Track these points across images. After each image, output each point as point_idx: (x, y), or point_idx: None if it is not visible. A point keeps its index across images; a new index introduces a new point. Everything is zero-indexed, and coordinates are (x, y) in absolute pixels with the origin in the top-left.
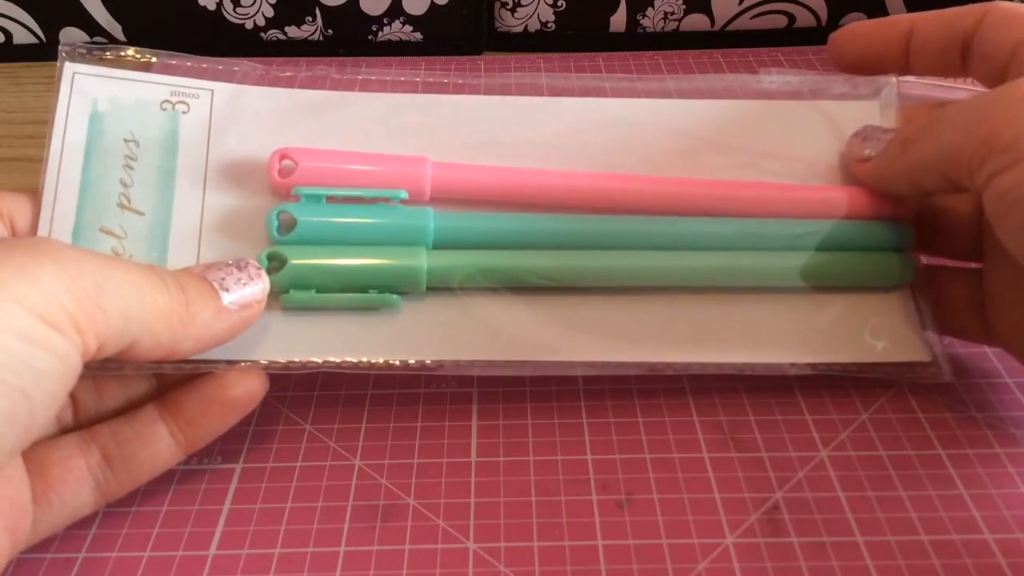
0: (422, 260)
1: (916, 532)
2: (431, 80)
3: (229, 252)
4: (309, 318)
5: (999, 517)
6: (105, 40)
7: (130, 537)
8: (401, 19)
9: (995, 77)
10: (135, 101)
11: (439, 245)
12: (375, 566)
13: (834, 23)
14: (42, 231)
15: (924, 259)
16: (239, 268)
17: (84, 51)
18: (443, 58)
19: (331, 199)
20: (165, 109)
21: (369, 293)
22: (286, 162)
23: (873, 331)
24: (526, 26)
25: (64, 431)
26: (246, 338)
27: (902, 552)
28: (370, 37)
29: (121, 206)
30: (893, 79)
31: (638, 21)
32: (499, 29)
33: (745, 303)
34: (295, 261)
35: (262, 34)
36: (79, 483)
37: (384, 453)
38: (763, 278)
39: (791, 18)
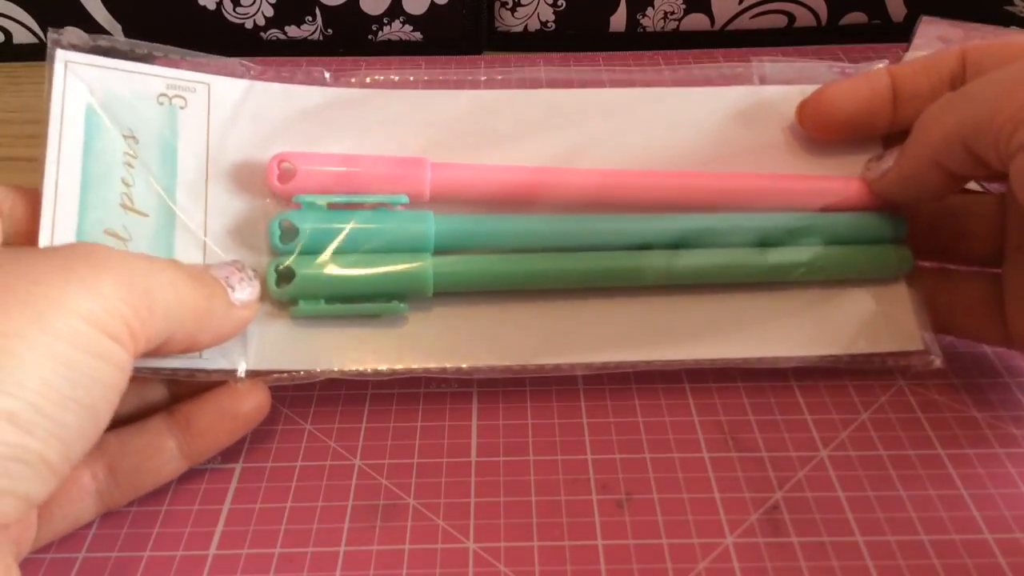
0: (428, 267)
1: (916, 532)
2: (427, 78)
3: (234, 256)
4: (318, 327)
5: (999, 517)
6: None
7: (130, 537)
8: (401, 19)
9: None
10: (131, 94)
11: (440, 249)
12: (375, 566)
13: (834, 23)
14: (43, 233)
15: (938, 263)
16: (239, 269)
17: (75, 35)
18: (443, 58)
19: (332, 206)
20: (162, 103)
21: (376, 302)
22: (285, 165)
23: (868, 322)
24: (526, 26)
25: None
26: (260, 348)
27: (902, 552)
28: (370, 37)
29: (124, 207)
30: (884, 61)
31: (638, 21)
32: (499, 29)
33: (742, 299)
34: (303, 272)
35: (262, 34)
36: (82, 494)
37: (384, 453)
38: (760, 274)
39: (791, 18)
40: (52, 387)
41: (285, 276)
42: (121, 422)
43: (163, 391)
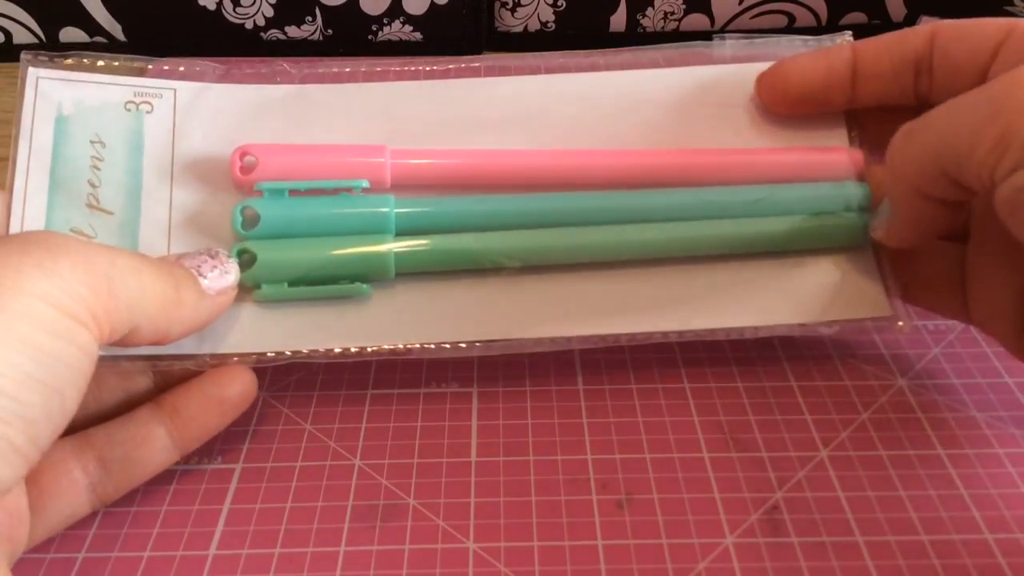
0: (390, 247)
1: (916, 532)
2: (395, 68)
3: (199, 247)
4: (282, 310)
5: (999, 517)
6: (105, 40)
7: (130, 537)
8: (401, 19)
9: (967, 88)
10: (99, 103)
11: (402, 231)
12: (375, 566)
13: (834, 23)
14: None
15: None
16: (211, 256)
17: (46, 58)
18: (442, 58)
19: (294, 192)
20: (129, 110)
21: (339, 284)
22: (248, 158)
23: (836, 290)
24: (526, 26)
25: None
26: (224, 332)
27: (902, 552)
28: (370, 37)
29: (90, 206)
30: (847, 35)
31: (638, 21)
32: (499, 29)
33: (708, 271)
34: (265, 256)
35: (262, 34)
36: (74, 488)
37: (384, 453)
38: (724, 246)
39: (791, 18)
40: (14, 366)
41: (247, 260)
42: (108, 415)
43: (147, 382)
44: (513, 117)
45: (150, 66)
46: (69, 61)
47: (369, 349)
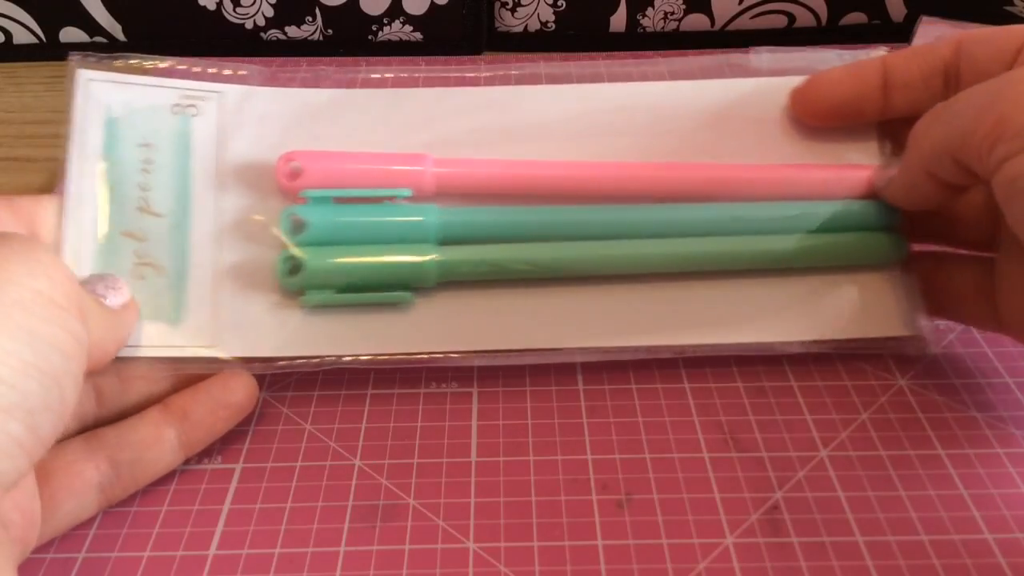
0: (432, 256)
1: (916, 532)
2: (432, 75)
3: (247, 252)
4: (327, 316)
5: (999, 517)
6: (105, 40)
7: (130, 537)
8: (401, 19)
9: None
10: (147, 106)
11: (443, 240)
12: (375, 566)
13: (834, 23)
14: (67, 237)
15: (932, 246)
16: (104, 279)
17: (94, 59)
18: (443, 58)
19: (338, 200)
20: (176, 113)
21: (383, 292)
22: (293, 164)
23: (863, 308)
24: (526, 26)
25: (84, 428)
26: (270, 336)
27: (902, 552)
28: (370, 37)
29: (141, 209)
30: (883, 48)
31: (638, 21)
32: (499, 29)
33: (739, 286)
34: (312, 263)
35: (262, 34)
36: (85, 488)
37: (384, 453)
38: (756, 261)
39: (791, 18)
40: (12, 353)
41: (294, 267)
42: (124, 415)
43: (167, 385)
44: (552, 126)
45: (195, 68)
46: (118, 63)
47: (410, 354)
